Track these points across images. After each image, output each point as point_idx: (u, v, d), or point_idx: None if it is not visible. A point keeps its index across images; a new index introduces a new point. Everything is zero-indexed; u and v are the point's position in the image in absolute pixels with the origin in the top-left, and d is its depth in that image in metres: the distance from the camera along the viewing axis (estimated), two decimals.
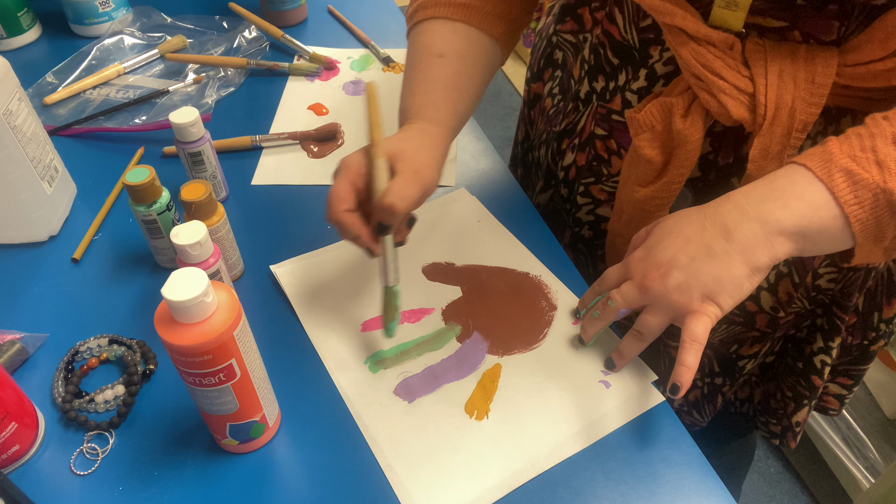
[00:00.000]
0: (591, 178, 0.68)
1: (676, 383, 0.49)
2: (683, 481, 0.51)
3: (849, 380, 0.74)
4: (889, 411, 1.35)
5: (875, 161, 0.44)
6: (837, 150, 0.45)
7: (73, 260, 0.68)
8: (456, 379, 0.57)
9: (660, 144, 0.57)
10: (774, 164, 0.53)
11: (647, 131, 0.57)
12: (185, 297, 0.41)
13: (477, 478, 0.51)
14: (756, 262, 0.47)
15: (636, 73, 0.60)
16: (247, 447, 0.52)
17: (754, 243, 0.47)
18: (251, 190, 0.76)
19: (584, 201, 0.70)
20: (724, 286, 0.48)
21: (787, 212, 0.46)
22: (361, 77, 0.93)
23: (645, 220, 0.60)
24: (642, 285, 0.51)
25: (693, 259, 0.49)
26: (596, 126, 0.66)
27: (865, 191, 0.44)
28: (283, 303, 0.64)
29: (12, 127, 0.63)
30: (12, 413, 0.50)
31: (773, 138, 0.52)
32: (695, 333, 0.48)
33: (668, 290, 0.49)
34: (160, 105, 0.87)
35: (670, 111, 0.55)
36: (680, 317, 0.50)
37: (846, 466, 1.31)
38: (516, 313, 0.62)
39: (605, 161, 0.66)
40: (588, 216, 0.71)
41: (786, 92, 0.50)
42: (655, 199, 0.60)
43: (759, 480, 1.38)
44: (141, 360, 0.58)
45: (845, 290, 0.64)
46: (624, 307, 0.53)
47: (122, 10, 1.02)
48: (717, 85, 0.51)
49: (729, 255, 0.47)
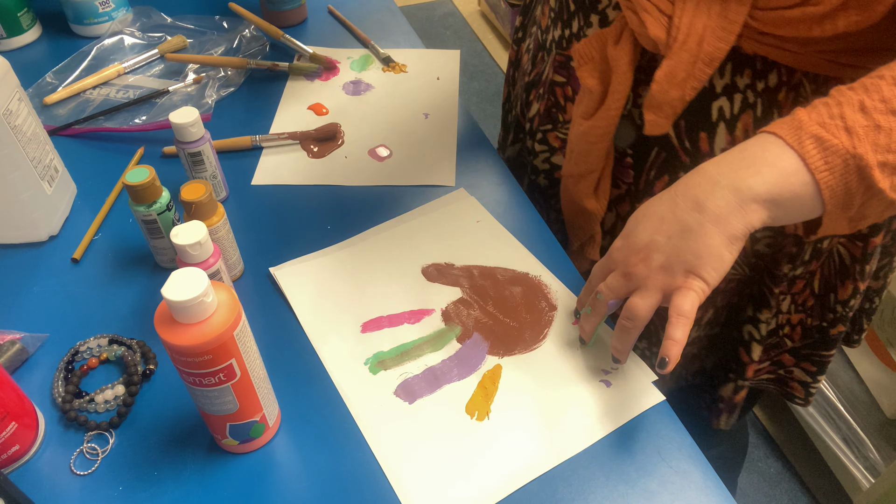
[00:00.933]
0: (548, 124, 0.71)
1: (665, 357, 0.49)
2: (683, 481, 0.51)
3: (812, 366, 0.75)
4: (889, 411, 1.35)
5: (844, 127, 0.45)
6: (807, 118, 0.46)
7: (73, 260, 0.68)
8: (456, 380, 0.57)
9: (598, 74, 0.60)
10: (676, 91, 0.55)
11: (587, 62, 0.61)
12: (185, 297, 0.41)
13: (478, 478, 0.51)
14: (731, 231, 0.47)
15: (588, 20, 0.62)
16: (247, 447, 0.52)
17: (727, 211, 0.47)
18: (251, 190, 0.76)
19: (542, 149, 0.73)
20: (704, 259, 0.48)
21: (760, 179, 0.46)
22: (361, 77, 0.93)
23: (589, 154, 0.64)
24: (625, 273, 0.51)
25: (670, 237, 0.49)
26: (555, 73, 0.68)
27: (835, 157, 0.45)
28: (283, 303, 0.64)
29: (12, 127, 0.63)
30: (12, 413, 0.50)
31: (679, 63, 0.54)
32: (681, 308, 0.48)
33: (651, 272, 0.50)
34: (160, 105, 0.87)
35: (605, 40, 0.59)
36: (667, 296, 0.50)
37: (846, 466, 1.31)
38: (516, 314, 0.62)
39: (562, 107, 0.69)
40: (544, 164, 0.74)
41: (699, 21, 0.52)
42: (597, 128, 0.62)
43: (759, 480, 1.38)
44: (141, 360, 0.58)
45: (775, 257, 0.65)
46: (612, 298, 0.53)
47: (122, 10, 1.02)
48: (641, 4, 0.54)
49: (703, 227, 0.48)
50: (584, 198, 0.69)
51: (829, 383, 1.40)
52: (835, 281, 0.67)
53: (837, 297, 0.68)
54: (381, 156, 0.80)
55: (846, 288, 0.67)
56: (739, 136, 0.58)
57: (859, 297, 0.68)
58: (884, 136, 0.44)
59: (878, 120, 0.44)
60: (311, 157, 0.80)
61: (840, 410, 1.37)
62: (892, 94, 0.44)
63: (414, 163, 0.79)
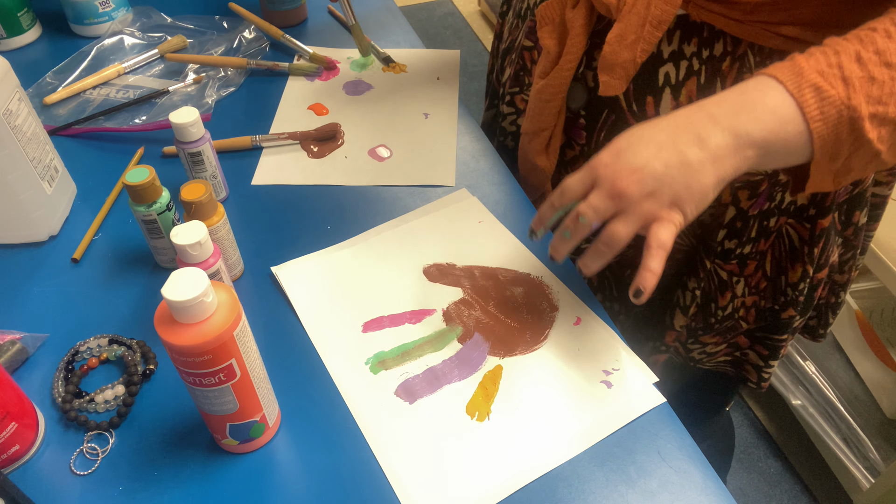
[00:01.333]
0: (516, 87, 0.72)
1: (640, 287, 0.49)
2: (683, 481, 0.51)
3: (765, 349, 0.76)
4: (889, 411, 1.35)
5: (841, 77, 0.45)
6: (806, 65, 0.46)
7: (73, 260, 0.68)
8: (457, 380, 0.57)
9: (557, 35, 0.63)
10: (627, 53, 0.57)
11: (548, 23, 0.63)
12: (185, 297, 0.41)
13: (478, 479, 0.51)
14: (723, 173, 0.48)
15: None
16: (247, 447, 0.52)
17: (725, 153, 0.47)
18: (251, 190, 0.76)
19: (509, 111, 0.75)
20: (692, 194, 0.48)
21: (758, 125, 0.46)
22: (362, 77, 0.93)
23: (542, 112, 0.66)
24: (614, 191, 0.49)
25: (667, 166, 0.48)
26: (525, 38, 0.71)
27: (831, 107, 0.45)
28: (284, 303, 0.64)
29: (12, 127, 0.63)
30: (12, 413, 0.50)
31: (629, 26, 0.55)
32: (661, 239, 0.48)
33: (641, 197, 0.48)
34: (160, 105, 0.87)
35: (564, 3, 0.62)
36: (647, 224, 0.49)
37: (846, 466, 1.31)
38: (517, 314, 0.62)
39: (528, 70, 0.71)
40: (511, 126, 0.76)
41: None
42: (550, 86, 0.64)
43: (759, 480, 1.38)
44: (141, 360, 0.58)
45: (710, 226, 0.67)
46: (597, 220, 0.50)
47: (122, 10, 1.02)
48: None
49: (703, 164, 0.47)
50: (536, 155, 0.70)
51: (829, 383, 1.40)
52: (785, 263, 0.68)
53: (788, 280, 0.69)
54: (381, 156, 0.80)
55: (796, 271, 0.68)
56: (683, 101, 0.59)
57: (808, 280, 0.69)
58: (877, 87, 0.45)
59: (873, 72, 0.45)
60: (311, 157, 0.80)
61: (840, 410, 1.37)
62: (886, 46, 0.45)
63: (414, 163, 0.79)
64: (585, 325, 0.61)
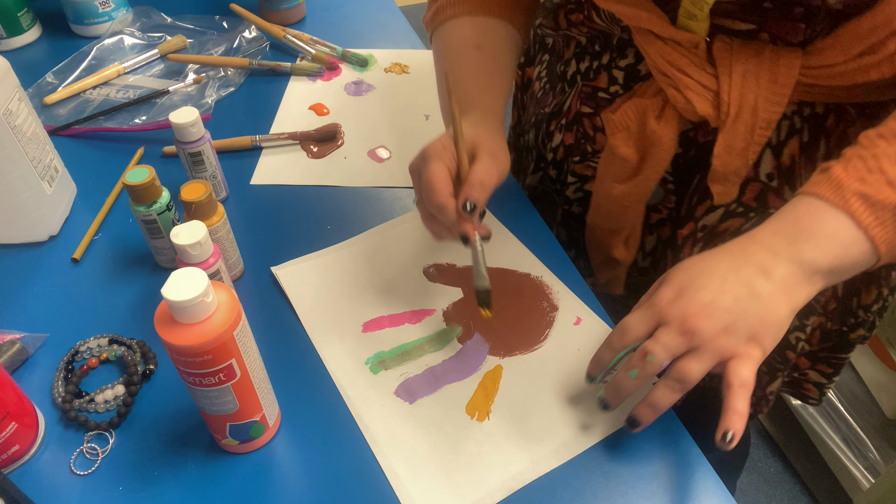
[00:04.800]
0: (577, 156, 0.69)
1: (729, 431, 0.45)
2: (683, 481, 0.51)
3: (829, 367, 0.74)
4: (889, 411, 1.35)
5: (886, 181, 0.45)
6: (844, 175, 0.45)
7: (73, 260, 0.68)
8: (457, 380, 0.57)
9: (634, 143, 0.59)
10: (739, 161, 0.54)
11: (622, 131, 0.59)
12: (185, 297, 0.41)
13: (478, 479, 0.51)
14: (796, 302, 0.46)
15: (623, 52, 0.61)
16: (247, 447, 0.52)
17: (794, 282, 0.46)
18: (251, 190, 0.76)
19: (573, 180, 0.72)
20: (769, 327, 0.46)
21: (821, 252, 0.46)
22: (363, 77, 0.93)
23: (622, 215, 0.64)
24: (685, 329, 0.45)
25: (737, 299, 0.45)
26: (582, 105, 0.67)
27: (884, 211, 0.45)
28: (284, 303, 0.64)
29: (12, 127, 0.63)
30: (12, 413, 0.50)
31: (736, 135, 0.53)
32: (743, 377, 0.45)
33: (715, 333, 0.45)
34: (160, 105, 0.87)
35: (645, 112, 0.57)
36: (723, 361, 0.46)
37: (846, 466, 1.31)
38: (517, 314, 0.62)
39: (591, 138, 0.67)
40: (577, 193, 0.73)
41: (749, 91, 0.51)
42: (632, 195, 0.62)
43: (759, 480, 1.38)
44: (141, 360, 0.58)
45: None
46: (667, 358, 0.46)
47: (122, 10, 1.02)
48: (682, 81, 0.53)
49: (773, 296, 0.46)
50: (613, 248, 0.68)
51: None
52: (859, 285, 0.65)
53: (860, 302, 0.66)
54: (381, 157, 0.80)
55: (870, 292, 0.66)
56: (786, 161, 0.57)
57: (883, 301, 0.67)
58: None
59: None
60: (311, 158, 0.80)
61: (840, 410, 1.37)
62: None
63: None
64: (585, 325, 0.61)
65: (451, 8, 0.66)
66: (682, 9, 0.52)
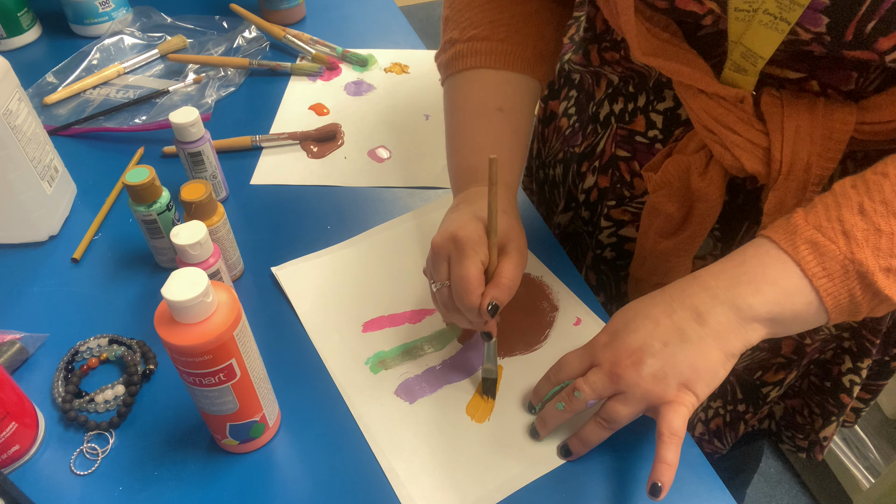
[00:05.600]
0: (613, 200, 0.66)
1: (658, 483, 0.44)
2: (684, 482, 0.51)
3: (867, 394, 0.73)
4: (889, 411, 1.35)
5: (842, 231, 0.42)
6: (803, 222, 0.44)
7: (73, 260, 0.68)
8: (457, 380, 0.57)
9: (678, 200, 0.56)
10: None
11: (664, 188, 0.56)
12: (185, 297, 0.41)
13: (478, 479, 0.51)
14: (730, 349, 0.45)
15: (660, 95, 0.58)
16: (247, 447, 0.52)
17: (727, 329, 0.44)
18: (251, 190, 0.76)
19: (607, 224, 0.68)
20: (700, 374, 0.45)
21: (760, 297, 0.44)
22: (363, 77, 0.93)
23: (669, 268, 0.61)
24: (613, 373, 0.46)
25: (666, 344, 0.45)
26: (618, 148, 0.63)
27: (833, 262, 0.42)
28: (284, 303, 0.64)
29: (12, 127, 0.63)
30: (12, 413, 0.50)
31: (788, 192, 0.50)
32: (674, 426, 0.45)
33: (642, 379, 0.45)
34: (160, 105, 0.87)
35: (687, 170, 0.54)
36: (654, 407, 0.46)
37: (846, 466, 1.31)
38: (517, 315, 0.62)
39: (628, 183, 0.64)
40: (610, 238, 0.69)
41: (802, 148, 0.48)
42: (680, 250, 0.59)
43: (759, 481, 1.38)
44: (141, 360, 0.58)
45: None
46: (593, 398, 0.48)
47: (122, 10, 1.02)
48: (730, 139, 0.50)
49: (703, 341, 0.45)
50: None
51: None
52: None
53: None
54: (381, 157, 0.80)
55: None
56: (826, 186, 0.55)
57: None
58: (885, 239, 0.41)
59: (879, 223, 0.42)
60: (311, 158, 0.80)
61: None
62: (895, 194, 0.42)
63: (414, 164, 0.79)
64: (585, 325, 0.61)
65: (472, 57, 0.60)
66: (729, 62, 0.49)
